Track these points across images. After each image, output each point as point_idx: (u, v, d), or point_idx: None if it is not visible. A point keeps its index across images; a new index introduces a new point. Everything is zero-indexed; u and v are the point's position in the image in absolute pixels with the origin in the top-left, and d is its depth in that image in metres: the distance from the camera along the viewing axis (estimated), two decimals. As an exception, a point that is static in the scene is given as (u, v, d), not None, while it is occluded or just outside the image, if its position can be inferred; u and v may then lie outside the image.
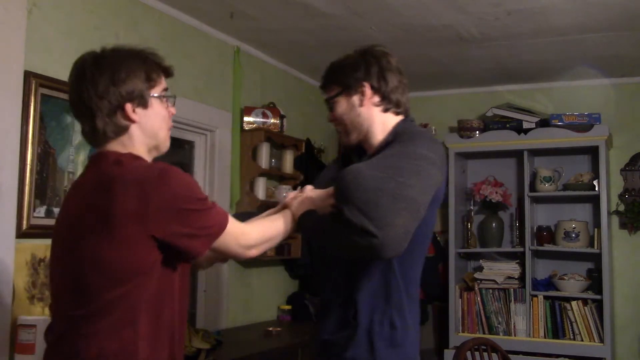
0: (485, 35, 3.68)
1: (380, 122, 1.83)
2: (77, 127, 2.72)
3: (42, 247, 2.55)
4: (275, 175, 4.11)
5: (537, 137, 4.32)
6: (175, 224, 1.48)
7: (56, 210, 2.62)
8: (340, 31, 3.62)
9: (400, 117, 1.86)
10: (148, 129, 1.61)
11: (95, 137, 1.59)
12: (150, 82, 1.60)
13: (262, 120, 3.89)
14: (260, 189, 3.86)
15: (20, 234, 2.45)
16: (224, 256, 1.79)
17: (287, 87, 4.42)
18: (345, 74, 1.85)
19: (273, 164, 4.06)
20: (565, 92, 4.63)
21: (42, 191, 2.56)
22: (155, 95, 1.61)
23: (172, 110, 1.68)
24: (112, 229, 1.45)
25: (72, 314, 1.50)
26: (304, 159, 4.24)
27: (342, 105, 1.85)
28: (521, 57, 4.08)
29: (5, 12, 2.39)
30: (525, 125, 4.38)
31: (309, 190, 1.85)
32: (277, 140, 4.05)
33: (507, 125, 4.43)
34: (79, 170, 2.74)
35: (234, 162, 3.77)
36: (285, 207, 1.82)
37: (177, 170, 1.52)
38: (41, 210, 2.56)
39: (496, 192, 4.46)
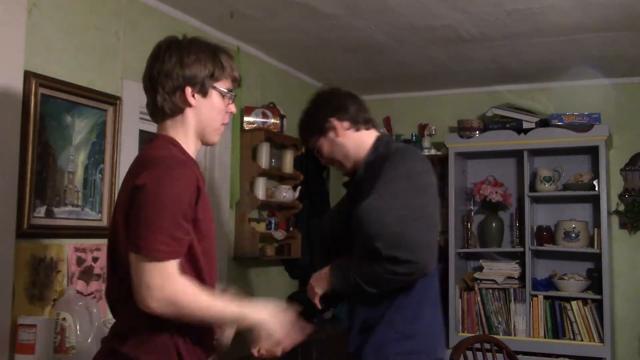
0: (485, 35, 3.68)
1: (359, 140, 2.06)
2: (77, 127, 2.74)
3: (42, 247, 2.55)
4: (275, 175, 4.11)
5: (537, 137, 4.31)
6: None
7: (56, 210, 2.62)
8: (340, 31, 3.62)
9: (372, 132, 2.08)
10: (202, 116, 1.71)
11: (154, 111, 1.71)
12: (214, 76, 1.70)
13: (262, 120, 3.89)
14: (260, 189, 3.86)
15: (20, 234, 2.44)
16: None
17: (287, 87, 4.42)
18: (313, 122, 2.10)
19: (273, 164, 4.05)
20: (565, 92, 4.63)
21: (42, 191, 2.56)
22: (217, 86, 1.71)
23: (232, 108, 1.77)
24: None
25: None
26: (304, 159, 4.23)
27: (325, 146, 2.09)
28: (521, 57, 4.08)
29: (5, 12, 2.39)
30: (525, 125, 4.37)
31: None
32: (277, 140, 4.05)
33: (507, 125, 4.42)
34: (79, 170, 2.74)
35: (234, 162, 3.76)
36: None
37: (172, 177, 1.54)
38: (41, 210, 2.56)
39: (496, 192, 4.46)
